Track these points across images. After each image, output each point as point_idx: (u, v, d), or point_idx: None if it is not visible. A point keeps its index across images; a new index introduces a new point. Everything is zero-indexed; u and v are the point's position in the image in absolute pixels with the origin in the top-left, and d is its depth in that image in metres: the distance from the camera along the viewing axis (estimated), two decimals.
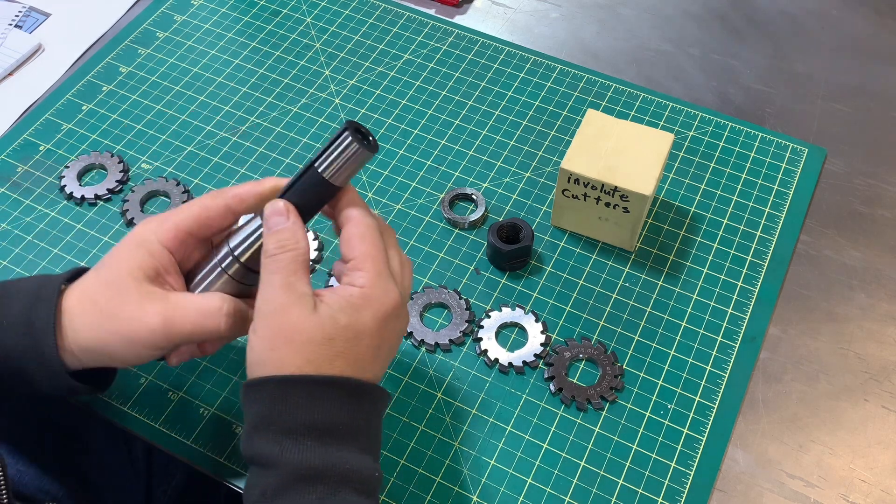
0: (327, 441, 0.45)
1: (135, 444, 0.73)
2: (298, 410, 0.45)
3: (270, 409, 0.45)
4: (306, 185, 0.50)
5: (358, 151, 0.49)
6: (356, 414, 0.47)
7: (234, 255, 0.51)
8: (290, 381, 0.46)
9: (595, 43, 0.85)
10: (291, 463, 0.44)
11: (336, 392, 0.46)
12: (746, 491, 0.58)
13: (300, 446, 0.44)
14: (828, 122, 0.78)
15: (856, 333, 0.65)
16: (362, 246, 0.48)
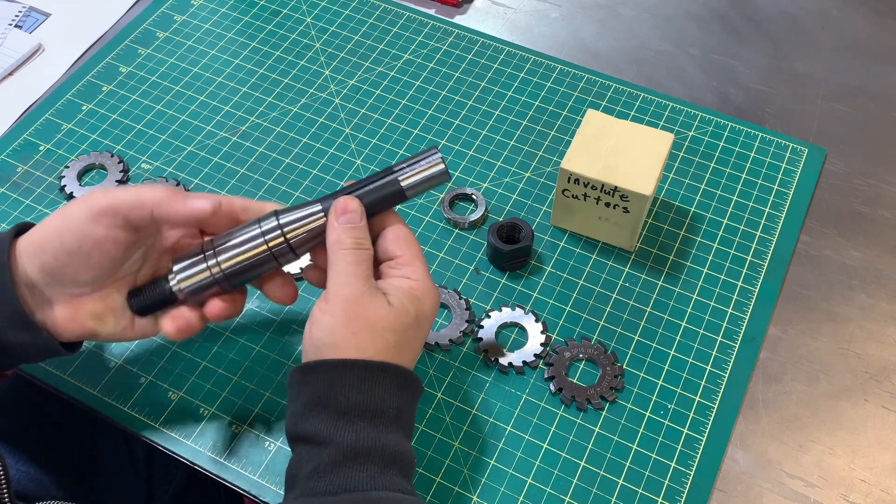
0: (378, 424, 0.47)
1: (135, 444, 0.73)
2: (352, 392, 0.47)
3: (325, 390, 0.48)
4: (380, 189, 0.53)
5: (441, 172, 0.53)
6: (402, 400, 0.49)
7: (283, 231, 0.52)
8: (346, 364, 0.48)
9: (595, 43, 0.85)
10: (345, 441, 0.46)
11: (388, 378, 0.49)
12: (746, 491, 0.58)
13: (354, 426, 0.47)
14: (828, 122, 0.78)
15: (856, 333, 0.65)
16: (412, 247, 0.53)
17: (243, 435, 0.60)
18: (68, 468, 0.69)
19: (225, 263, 0.52)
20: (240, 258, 0.52)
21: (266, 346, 0.65)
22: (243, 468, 0.59)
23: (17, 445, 0.65)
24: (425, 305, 0.51)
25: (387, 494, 0.46)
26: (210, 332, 0.65)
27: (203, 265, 0.52)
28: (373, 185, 0.53)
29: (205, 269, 0.52)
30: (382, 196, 0.53)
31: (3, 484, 0.52)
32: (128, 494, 0.72)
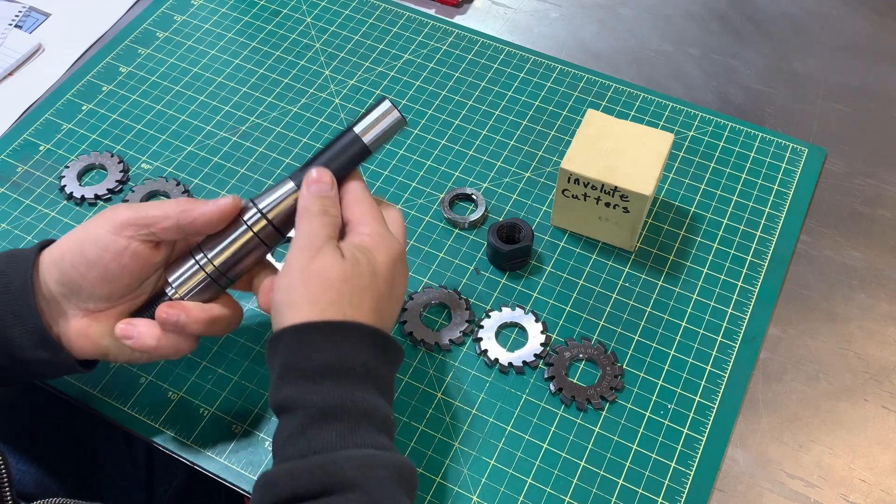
0: (344, 381, 0.47)
1: (136, 444, 0.73)
2: (315, 354, 0.47)
3: (291, 357, 0.48)
4: (343, 149, 0.53)
5: (398, 120, 0.53)
6: (371, 357, 0.49)
7: (263, 213, 0.53)
8: (307, 327, 0.48)
9: (595, 43, 0.85)
10: (311, 403, 0.46)
11: (352, 336, 0.48)
12: (746, 491, 0.58)
13: (318, 387, 0.47)
14: (828, 122, 0.78)
15: (856, 333, 0.65)
16: (360, 206, 0.53)
17: (243, 435, 0.60)
18: (69, 468, 0.69)
19: (216, 259, 0.53)
20: (229, 250, 0.53)
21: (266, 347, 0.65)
22: (243, 468, 0.59)
23: (17, 445, 0.65)
24: (377, 256, 0.51)
25: (356, 452, 0.45)
26: None
27: (195, 267, 0.53)
28: (337, 148, 0.53)
29: (198, 270, 0.53)
30: (349, 157, 0.53)
31: (6, 483, 0.52)
32: (128, 494, 0.72)
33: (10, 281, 0.51)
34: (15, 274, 0.51)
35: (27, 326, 0.51)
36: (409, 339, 0.64)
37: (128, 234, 0.51)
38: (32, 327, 0.51)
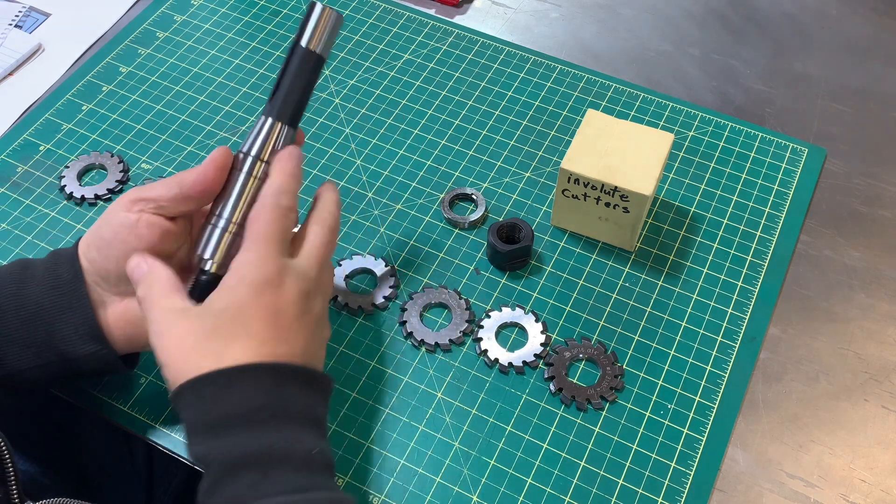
0: (246, 428, 0.44)
1: (135, 444, 0.73)
2: (212, 407, 0.44)
3: (189, 414, 0.45)
4: (300, 68, 0.53)
5: (336, 17, 0.54)
6: (272, 394, 0.45)
7: (258, 157, 0.53)
8: (196, 382, 0.45)
9: (595, 43, 0.85)
10: (216, 459, 0.44)
11: (245, 379, 0.45)
12: (746, 491, 0.58)
13: (220, 440, 0.44)
14: (828, 122, 0.78)
15: (856, 333, 0.65)
16: (253, 226, 0.50)
17: None
18: (68, 468, 0.69)
19: (234, 216, 0.53)
20: (241, 203, 0.53)
21: None
22: None
23: (17, 446, 0.65)
24: (237, 293, 0.47)
25: (267, 502, 0.42)
26: None
27: (217, 230, 0.53)
28: (294, 70, 0.53)
29: (222, 232, 0.52)
30: (309, 72, 0.54)
31: (12, 481, 0.52)
32: (128, 494, 0.72)
33: (59, 275, 0.53)
34: (63, 269, 0.53)
35: (77, 318, 0.52)
36: (410, 339, 0.64)
37: (137, 208, 0.52)
38: (82, 318, 0.52)
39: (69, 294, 0.52)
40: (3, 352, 0.52)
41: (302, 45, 0.53)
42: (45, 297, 0.52)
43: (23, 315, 0.52)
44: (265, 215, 0.50)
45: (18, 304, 0.52)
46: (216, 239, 0.52)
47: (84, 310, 0.52)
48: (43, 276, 0.53)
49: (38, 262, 0.55)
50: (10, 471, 0.52)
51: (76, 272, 0.52)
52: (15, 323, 0.52)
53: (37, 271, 0.53)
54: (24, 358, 0.53)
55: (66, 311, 0.52)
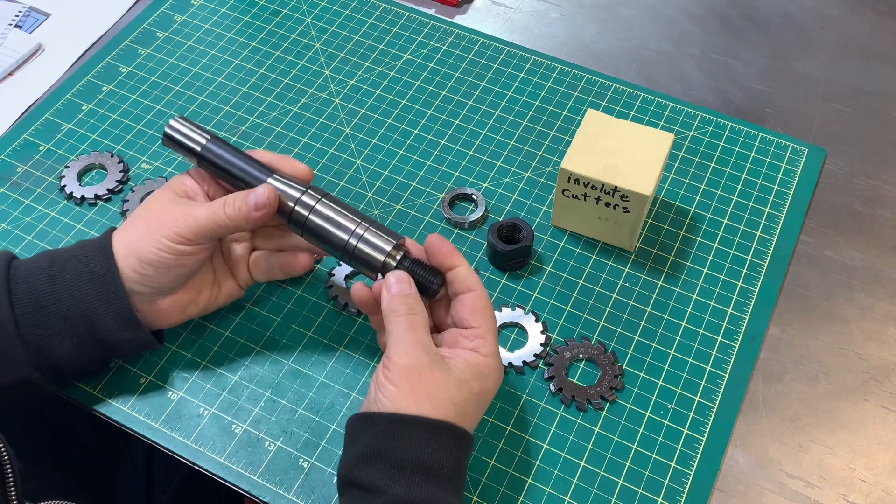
0: (431, 480, 0.49)
1: (135, 444, 0.73)
2: (409, 448, 0.49)
3: (384, 442, 0.49)
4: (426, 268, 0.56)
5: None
6: (457, 461, 0.50)
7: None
8: (404, 420, 0.50)
9: (595, 43, 0.85)
10: (396, 493, 0.48)
11: (444, 437, 0.50)
12: (746, 491, 0.58)
13: (408, 480, 0.48)
14: (828, 122, 0.78)
15: (856, 333, 0.65)
16: (487, 320, 0.54)
17: (243, 435, 0.60)
18: (68, 468, 0.69)
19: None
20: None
21: (266, 347, 0.65)
22: (243, 468, 0.59)
23: (17, 446, 0.65)
24: (489, 382, 0.53)
25: None
26: (210, 332, 0.65)
27: (369, 236, 0.56)
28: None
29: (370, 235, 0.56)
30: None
31: (11, 482, 0.52)
32: (128, 494, 0.72)
33: (92, 269, 0.55)
34: (95, 262, 0.55)
35: (114, 309, 0.55)
36: None
37: (198, 242, 0.56)
38: (119, 309, 0.55)
39: (105, 286, 0.55)
40: (46, 343, 0.55)
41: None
42: (81, 291, 0.55)
43: (61, 308, 0.55)
44: (494, 318, 0.55)
45: (55, 298, 0.55)
46: (378, 242, 0.56)
47: (121, 300, 0.55)
48: (76, 269, 0.55)
49: (65, 253, 0.57)
50: (9, 471, 0.52)
51: (110, 266, 0.55)
52: (54, 316, 0.55)
53: (67, 264, 0.56)
54: (65, 347, 0.56)
55: (103, 303, 0.55)
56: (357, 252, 0.56)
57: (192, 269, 0.57)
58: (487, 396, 0.53)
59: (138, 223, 0.57)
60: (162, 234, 0.55)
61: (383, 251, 0.55)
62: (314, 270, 0.68)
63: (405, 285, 0.54)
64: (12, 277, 0.55)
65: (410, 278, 0.55)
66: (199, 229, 0.55)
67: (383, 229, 0.57)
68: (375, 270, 0.56)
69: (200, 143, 0.58)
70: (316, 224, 0.56)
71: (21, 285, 0.55)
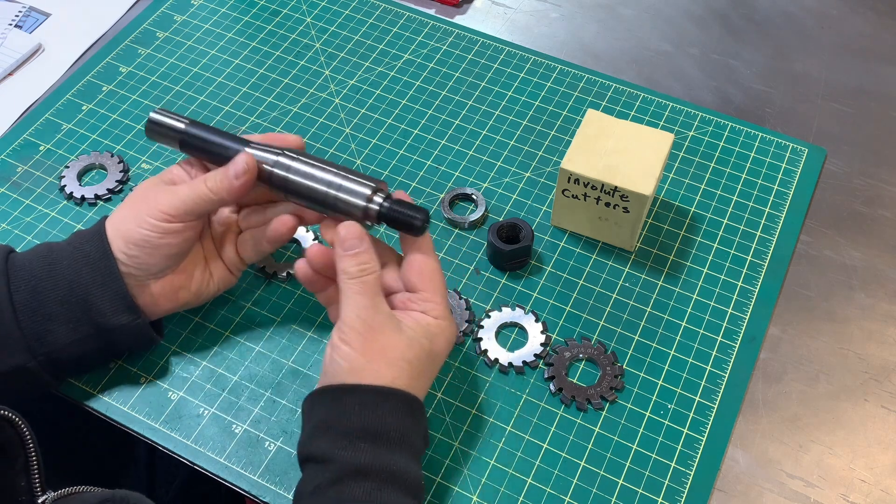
0: (379, 444, 0.49)
1: (137, 444, 0.73)
2: (355, 416, 0.50)
3: (331, 413, 0.50)
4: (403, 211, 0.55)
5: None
6: (406, 424, 0.51)
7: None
8: (350, 389, 0.50)
9: (595, 43, 0.85)
10: (345, 459, 0.49)
11: (391, 402, 0.51)
12: (746, 491, 0.58)
13: (355, 446, 0.49)
14: (828, 122, 0.78)
15: (856, 333, 0.65)
16: (434, 281, 0.54)
17: (243, 435, 0.60)
18: (68, 468, 0.69)
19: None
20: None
21: (266, 346, 0.65)
22: (243, 468, 0.59)
23: None
24: (440, 342, 0.54)
25: None
26: (210, 332, 0.65)
27: (349, 182, 0.56)
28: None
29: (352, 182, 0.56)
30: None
31: (35, 470, 0.52)
32: None
33: (87, 253, 0.56)
34: (89, 246, 0.56)
35: (110, 292, 0.56)
36: None
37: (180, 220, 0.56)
38: (115, 292, 0.56)
39: (100, 270, 0.56)
40: (44, 328, 0.56)
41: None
42: (76, 274, 0.56)
43: (58, 293, 0.55)
44: (443, 279, 0.55)
45: (52, 283, 0.55)
46: (357, 188, 0.56)
47: (116, 283, 0.56)
48: (71, 255, 0.56)
49: (62, 243, 0.58)
50: (34, 462, 0.52)
51: (104, 250, 0.56)
52: (52, 301, 0.55)
53: (63, 251, 0.57)
54: (63, 334, 0.56)
55: (100, 286, 0.56)
56: (338, 202, 0.55)
57: (180, 250, 0.57)
58: (439, 356, 0.54)
59: (125, 207, 0.57)
60: (146, 213, 0.55)
61: (362, 195, 0.55)
62: None
63: (356, 241, 0.53)
64: (10, 266, 0.56)
65: (362, 231, 0.54)
66: (183, 204, 0.55)
67: (362, 176, 0.56)
68: (359, 218, 0.56)
69: (180, 128, 0.59)
70: (295, 181, 0.56)
71: (19, 272, 0.56)
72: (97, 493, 0.54)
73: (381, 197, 0.55)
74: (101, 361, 0.62)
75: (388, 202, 0.55)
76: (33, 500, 0.52)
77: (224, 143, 0.58)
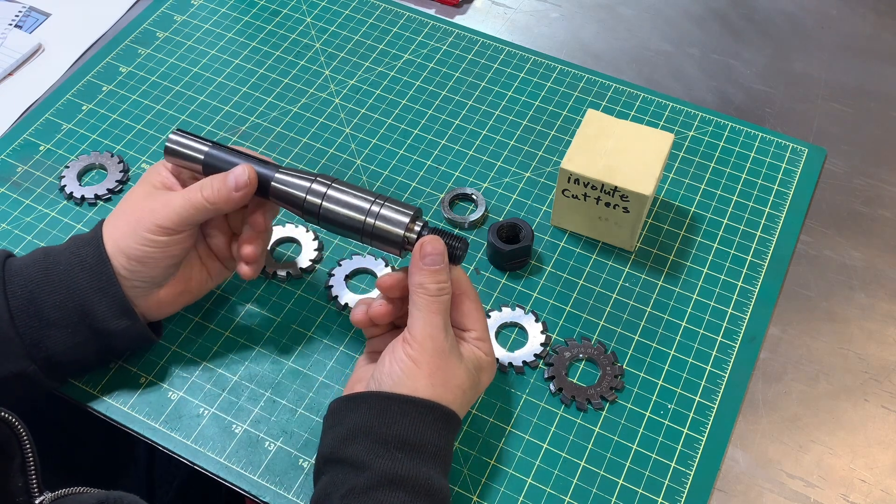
0: (416, 457, 0.50)
1: (136, 444, 0.73)
2: (396, 425, 0.50)
3: (372, 419, 0.51)
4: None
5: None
6: (443, 440, 0.52)
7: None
8: (393, 398, 0.51)
9: (595, 43, 0.85)
10: (383, 468, 0.49)
11: (432, 416, 0.51)
12: (746, 491, 0.58)
13: (393, 456, 0.49)
14: (828, 122, 0.78)
15: (856, 333, 0.65)
16: (482, 321, 0.56)
17: (243, 435, 0.60)
18: (68, 469, 0.69)
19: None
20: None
21: (266, 347, 0.65)
22: (243, 468, 0.59)
23: None
24: (485, 377, 0.56)
25: None
26: (210, 332, 0.65)
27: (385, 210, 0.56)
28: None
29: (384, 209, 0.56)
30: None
31: (32, 470, 0.52)
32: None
33: (83, 258, 0.56)
34: (85, 251, 0.56)
35: (107, 297, 0.56)
36: None
37: (181, 231, 0.56)
38: (112, 297, 0.56)
39: (97, 275, 0.55)
40: (42, 333, 0.55)
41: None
42: (73, 279, 0.56)
43: (56, 298, 0.55)
44: (485, 320, 0.57)
45: (49, 288, 0.55)
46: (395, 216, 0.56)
47: (114, 288, 0.56)
48: (68, 260, 0.56)
49: (58, 247, 0.58)
50: (31, 461, 0.52)
51: (101, 256, 0.56)
52: (49, 306, 0.55)
53: (60, 256, 0.57)
54: (61, 338, 0.56)
55: (97, 291, 0.55)
56: (375, 230, 0.55)
57: (180, 258, 0.58)
58: (480, 389, 0.56)
59: (121, 220, 0.57)
60: (143, 229, 0.55)
61: (401, 224, 0.55)
62: (314, 270, 0.68)
63: (438, 257, 0.53)
64: (7, 271, 0.56)
65: (444, 248, 0.54)
66: (178, 216, 0.55)
67: (399, 203, 0.56)
68: (397, 246, 0.55)
69: (203, 150, 0.58)
70: (330, 210, 0.56)
71: (16, 278, 0.56)
72: (94, 493, 0.54)
73: (419, 225, 0.55)
74: (100, 363, 0.62)
75: (426, 231, 0.55)
76: (30, 500, 0.52)
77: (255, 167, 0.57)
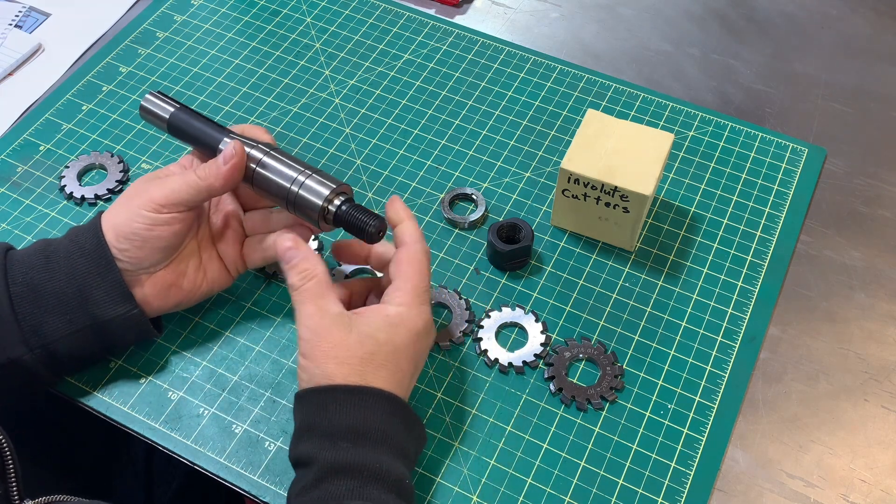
0: (361, 443, 0.50)
1: (135, 443, 0.73)
2: (336, 416, 0.50)
3: (312, 416, 0.51)
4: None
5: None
6: (388, 422, 0.51)
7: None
8: (328, 390, 0.51)
9: (595, 43, 0.85)
10: (327, 459, 0.49)
11: (370, 401, 0.51)
12: (746, 491, 0.58)
13: (336, 446, 0.50)
14: (828, 122, 0.78)
15: (856, 333, 0.65)
16: (403, 269, 0.55)
17: (243, 435, 0.60)
18: (68, 468, 0.69)
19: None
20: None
21: (266, 346, 0.65)
22: (243, 468, 0.59)
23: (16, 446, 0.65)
24: (401, 331, 0.53)
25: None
26: (210, 332, 0.65)
27: (310, 181, 0.56)
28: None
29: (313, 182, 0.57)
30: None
31: (13, 478, 0.52)
32: (128, 494, 0.72)
33: (82, 245, 0.56)
34: (84, 238, 0.57)
35: (106, 282, 0.56)
36: None
37: (168, 211, 0.56)
38: (111, 282, 0.56)
39: (96, 260, 0.56)
40: (41, 320, 0.56)
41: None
42: (73, 266, 0.56)
43: (55, 284, 0.56)
44: (422, 267, 0.55)
45: (49, 275, 0.56)
46: (318, 187, 0.56)
47: (112, 273, 0.56)
48: (67, 248, 0.57)
49: (59, 238, 0.59)
50: (11, 468, 0.52)
51: (99, 242, 0.56)
52: (48, 293, 0.56)
53: (60, 245, 0.57)
54: (59, 325, 0.56)
55: (95, 276, 0.56)
56: (298, 199, 0.56)
57: (169, 243, 0.57)
58: (407, 347, 0.53)
59: (119, 205, 0.58)
60: (136, 205, 0.56)
61: (321, 195, 0.55)
62: None
63: (293, 252, 0.54)
64: (9, 261, 0.57)
65: (296, 239, 0.55)
66: (172, 193, 0.56)
67: (327, 177, 0.57)
68: (315, 218, 0.56)
69: (169, 111, 0.60)
70: (261, 175, 0.57)
71: (17, 267, 0.56)
72: (75, 501, 0.53)
73: (340, 200, 0.56)
74: (98, 357, 0.62)
75: (346, 205, 0.55)
76: None
77: (204, 128, 0.59)
